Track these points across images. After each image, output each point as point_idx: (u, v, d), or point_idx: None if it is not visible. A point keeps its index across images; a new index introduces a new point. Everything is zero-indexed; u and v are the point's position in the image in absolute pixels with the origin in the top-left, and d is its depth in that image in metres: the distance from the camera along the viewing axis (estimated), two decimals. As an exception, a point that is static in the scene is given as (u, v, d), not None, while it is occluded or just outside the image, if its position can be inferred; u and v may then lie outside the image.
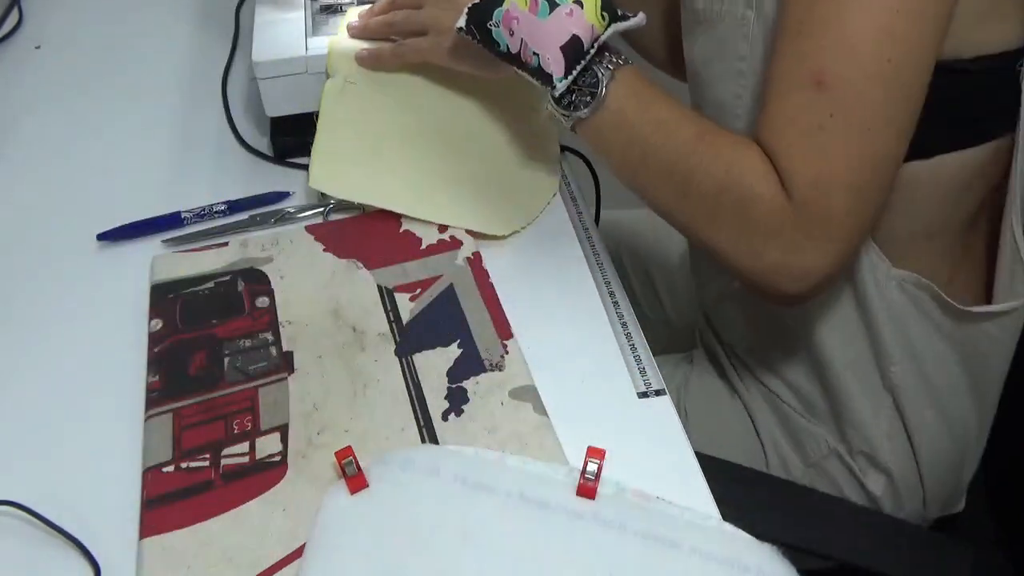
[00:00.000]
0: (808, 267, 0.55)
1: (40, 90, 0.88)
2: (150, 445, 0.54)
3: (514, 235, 0.70)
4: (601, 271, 0.68)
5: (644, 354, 0.61)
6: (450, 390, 0.58)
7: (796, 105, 0.53)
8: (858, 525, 0.68)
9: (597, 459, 0.51)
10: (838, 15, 0.51)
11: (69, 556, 0.50)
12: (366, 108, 0.73)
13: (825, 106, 0.52)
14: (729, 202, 0.56)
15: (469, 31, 0.62)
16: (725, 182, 0.56)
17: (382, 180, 0.72)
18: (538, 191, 0.74)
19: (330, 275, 0.65)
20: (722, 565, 0.49)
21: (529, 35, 0.59)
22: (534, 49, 0.59)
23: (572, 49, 0.58)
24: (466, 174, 0.73)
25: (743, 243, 0.56)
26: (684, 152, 0.57)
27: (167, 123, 0.83)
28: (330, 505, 0.51)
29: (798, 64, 0.53)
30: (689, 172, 0.57)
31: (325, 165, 0.71)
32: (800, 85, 0.53)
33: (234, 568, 0.49)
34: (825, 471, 0.75)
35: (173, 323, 0.62)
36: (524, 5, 0.59)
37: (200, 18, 0.98)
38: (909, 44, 0.51)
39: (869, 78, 0.51)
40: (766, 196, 0.54)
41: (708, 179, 0.56)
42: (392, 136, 0.73)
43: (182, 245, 0.69)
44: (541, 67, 0.59)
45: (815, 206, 0.53)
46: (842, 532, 0.67)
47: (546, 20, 0.58)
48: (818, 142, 0.53)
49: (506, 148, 0.74)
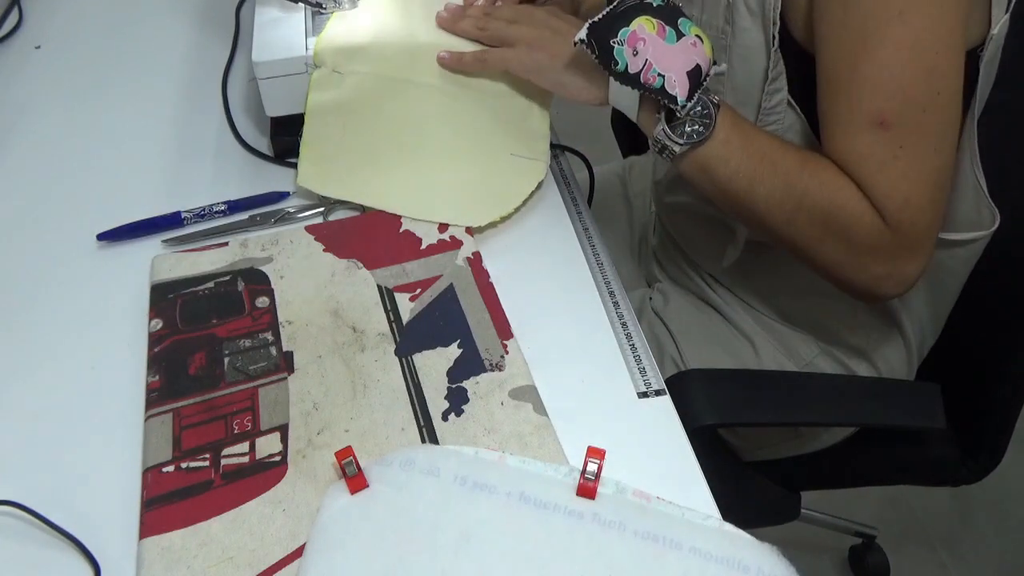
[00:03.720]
0: (908, 273, 0.63)
1: (40, 90, 0.88)
2: (150, 445, 0.54)
3: (514, 235, 0.70)
4: (601, 271, 0.68)
5: (644, 354, 0.61)
6: (450, 390, 0.58)
7: (866, 144, 0.60)
8: (847, 391, 0.77)
9: (597, 459, 0.51)
10: (883, 64, 0.58)
11: (69, 556, 0.51)
12: (352, 99, 0.73)
13: (894, 141, 0.59)
14: (836, 226, 0.62)
15: (589, 44, 0.64)
16: (831, 209, 0.62)
17: (368, 176, 0.72)
18: (523, 181, 0.73)
19: (330, 275, 0.65)
20: (722, 565, 0.49)
21: (655, 57, 0.62)
22: (659, 70, 0.62)
23: (695, 76, 0.63)
24: (452, 168, 0.73)
25: (850, 260, 0.63)
26: (790, 181, 0.63)
27: (167, 123, 0.83)
28: (330, 505, 0.51)
29: (856, 109, 0.60)
30: (797, 201, 0.63)
31: (313, 163, 0.71)
32: (864, 127, 0.60)
33: (234, 568, 0.49)
34: (816, 367, 0.83)
35: (173, 323, 0.62)
36: (652, 29, 0.63)
37: (200, 18, 0.98)
38: (950, 74, 0.59)
39: (926, 111, 0.59)
40: (866, 219, 0.61)
41: (815, 207, 0.62)
42: (378, 129, 0.73)
43: (182, 245, 0.69)
44: (665, 88, 0.62)
45: (908, 224, 0.60)
46: (841, 398, 0.76)
47: (674, 45, 0.63)
48: (897, 170, 0.59)
49: (493, 140, 0.74)
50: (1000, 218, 0.70)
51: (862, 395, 0.75)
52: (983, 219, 0.71)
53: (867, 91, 0.59)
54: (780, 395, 0.75)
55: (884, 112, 0.58)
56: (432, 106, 0.74)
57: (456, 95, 0.74)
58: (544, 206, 0.73)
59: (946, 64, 0.58)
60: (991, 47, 0.63)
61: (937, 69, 0.58)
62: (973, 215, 0.71)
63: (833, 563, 1.40)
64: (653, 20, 0.63)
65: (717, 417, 0.70)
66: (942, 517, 1.44)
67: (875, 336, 0.80)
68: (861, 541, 1.37)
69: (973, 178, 0.69)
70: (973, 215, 0.71)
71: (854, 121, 0.60)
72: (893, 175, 0.59)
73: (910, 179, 0.59)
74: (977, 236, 0.72)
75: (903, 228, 0.60)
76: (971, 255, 0.75)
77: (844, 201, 0.61)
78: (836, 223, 0.62)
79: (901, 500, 1.45)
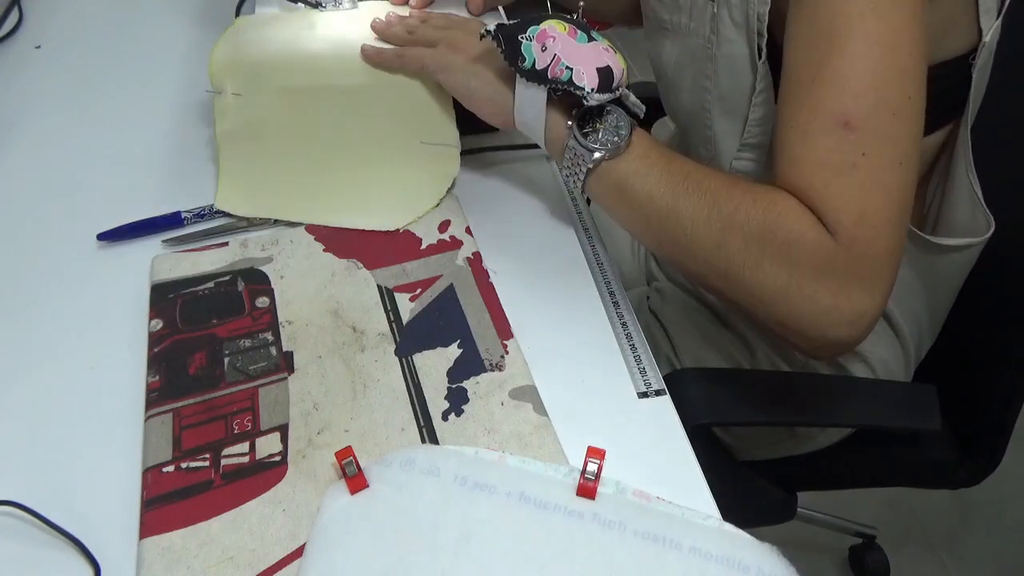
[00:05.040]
0: (860, 311, 0.54)
1: (40, 90, 0.88)
2: (150, 445, 0.54)
3: (514, 235, 0.70)
4: (601, 271, 0.68)
5: (644, 354, 0.61)
6: (450, 390, 0.58)
7: (825, 148, 0.54)
8: (842, 391, 0.76)
9: (597, 459, 0.51)
10: (854, 63, 0.53)
11: (69, 556, 0.51)
12: (258, 119, 0.73)
13: (856, 146, 0.53)
14: (773, 246, 0.55)
15: (496, 38, 0.62)
16: (766, 224, 0.55)
17: (285, 192, 0.72)
18: (440, 172, 0.73)
19: (330, 275, 0.65)
20: (722, 565, 0.49)
21: (564, 52, 0.59)
22: (567, 64, 0.59)
23: (605, 76, 0.59)
24: (365, 170, 0.73)
25: (793, 287, 0.55)
26: (719, 199, 0.56)
27: (167, 123, 0.83)
28: (330, 505, 0.51)
29: (819, 109, 0.54)
30: (728, 219, 0.56)
31: (231, 186, 0.72)
32: (825, 129, 0.54)
33: (234, 568, 0.49)
34: (811, 368, 0.80)
35: (173, 323, 0.62)
36: (563, 29, 0.60)
37: (200, 18, 0.98)
38: (918, 78, 0.54)
39: (895, 115, 0.53)
40: (810, 236, 0.54)
41: (748, 224, 0.55)
42: (287, 144, 0.73)
43: (182, 245, 0.69)
44: (573, 79, 0.59)
45: (864, 243, 0.53)
46: (836, 399, 0.74)
47: (584, 44, 0.60)
48: (856, 180, 0.53)
49: (400, 133, 0.73)
50: (995, 224, 0.70)
51: (857, 396, 0.75)
52: (978, 225, 0.70)
53: (833, 89, 0.53)
54: (774, 395, 0.74)
55: (850, 112, 0.53)
56: (337, 110, 0.73)
57: (358, 95, 0.73)
58: (544, 206, 0.73)
59: (916, 69, 0.53)
60: (983, 54, 0.63)
61: (910, 72, 0.53)
62: (968, 221, 0.70)
63: (833, 563, 1.40)
64: (565, 23, 0.61)
65: (711, 416, 0.70)
66: (942, 517, 1.44)
67: (871, 338, 0.77)
68: (861, 541, 1.37)
69: (968, 184, 0.68)
70: (968, 221, 0.70)
71: (815, 123, 0.54)
72: (851, 185, 0.53)
73: (869, 192, 0.53)
74: (972, 242, 0.71)
75: (857, 247, 0.53)
76: (967, 260, 0.75)
77: (782, 215, 0.54)
78: (774, 241, 0.54)
79: (901, 500, 1.45)
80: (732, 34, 0.66)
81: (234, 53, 0.74)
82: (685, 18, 0.70)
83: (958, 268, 0.76)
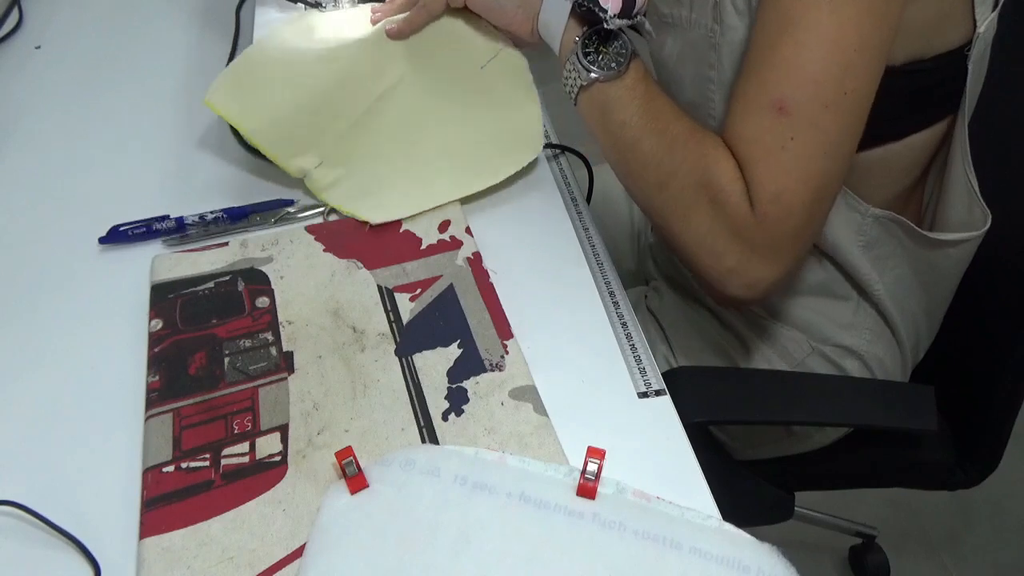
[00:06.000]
0: (758, 277, 0.60)
1: (40, 90, 0.88)
2: (150, 445, 0.54)
3: (514, 235, 0.70)
4: (601, 271, 0.68)
5: (644, 354, 0.61)
6: (450, 390, 0.58)
7: (760, 126, 0.58)
8: (838, 391, 0.77)
9: (597, 459, 0.51)
10: (800, 52, 0.56)
11: (69, 556, 0.51)
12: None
13: (786, 130, 0.57)
14: (705, 199, 0.60)
15: None
16: (703, 179, 0.60)
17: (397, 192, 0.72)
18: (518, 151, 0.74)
19: (330, 275, 0.65)
20: (722, 565, 0.49)
21: None
22: None
23: (628, 2, 0.62)
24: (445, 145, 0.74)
25: (708, 241, 0.61)
26: (675, 145, 0.62)
27: (167, 123, 0.82)
28: (330, 505, 0.51)
29: (762, 90, 0.58)
30: (676, 165, 0.61)
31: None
32: (763, 108, 0.57)
33: (234, 568, 0.49)
34: (808, 367, 0.81)
35: (173, 323, 0.62)
36: None
37: (200, 18, 0.98)
38: (865, 77, 0.56)
39: (827, 107, 0.56)
40: (733, 199, 0.59)
41: (690, 175, 0.61)
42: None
43: (182, 245, 0.69)
44: (599, 0, 0.62)
45: (773, 221, 0.58)
46: (832, 398, 0.75)
47: None
48: (780, 161, 0.57)
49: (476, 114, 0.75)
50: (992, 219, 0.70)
51: (853, 395, 0.75)
52: (975, 219, 0.70)
53: (776, 73, 0.57)
54: (770, 394, 0.75)
55: (786, 97, 0.56)
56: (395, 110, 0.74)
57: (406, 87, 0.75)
58: (544, 206, 0.73)
59: (862, 65, 0.56)
60: (979, 45, 0.63)
61: (852, 68, 0.55)
62: (965, 215, 0.71)
63: (833, 563, 1.40)
64: None
65: (707, 414, 0.70)
66: (942, 517, 1.44)
67: (868, 336, 0.79)
68: (861, 541, 1.37)
69: (965, 178, 0.69)
70: (965, 215, 0.71)
71: (756, 102, 0.58)
72: (774, 165, 0.57)
73: (791, 174, 0.57)
74: (968, 237, 0.71)
75: (767, 223, 0.58)
76: (963, 255, 0.75)
77: (718, 174, 0.59)
78: (705, 196, 0.60)
79: (901, 500, 1.45)
80: (735, 21, 0.66)
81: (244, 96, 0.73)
82: (685, 11, 0.70)
83: (955, 264, 0.76)
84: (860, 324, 0.79)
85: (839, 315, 0.79)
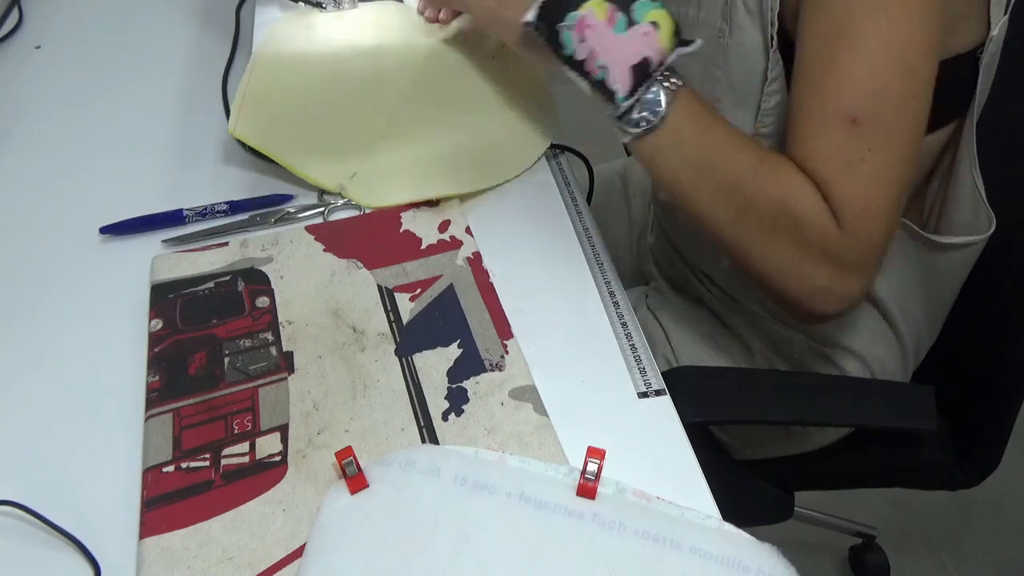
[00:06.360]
0: (850, 290, 0.60)
1: (40, 90, 0.88)
2: (150, 445, 0.54)
3: (514, 235, 0.70)
4: (601, 271, 0.68)
5: (644, 354, 0.61)
6: (450, 390, 0.58)
7: (834, 142, 0.57)
8: (838, 391, 0.76)
9: (597, 459, 0.51)
10: (862, 60, 0.55)
11: (69, 556, 0.51)
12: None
13: (863, 141, 0.56)
14: (785, 226, 0.59)
15: (538, 27, 0.62)
16: (783, 206, 0.58)
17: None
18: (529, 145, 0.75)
19: (330, 275, 0.65)
20: (722, 565, 0.49)
21: (601, 47, 0.60)
22: (602, 62, 0.60)
23: (640, 70, 0.60)
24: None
25: (795, 266, 0.59)
26: (745, 175, 0.60)
27: (167, 124, 0.83)
28: (330, 505, 0.51)
29: (829, 105, 0.57)
30: (750, 194, 0.60)
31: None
32: (835, 124, 0.57)
33: (234, 568, 0.49)
34: (808, 367, 0.82)
35: (173, 323, 0.62)
36: (602, 15, 0.59)
37: (200, 18, 0.98)
38: (927, 79, 0.57)
39: (899, 113, 0.56)
40: (819, 222, 0.58)
41: (768, 202, 0.59)
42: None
43: (182, 245, 0.69)
44: (606, 82, 0.60)
45: (864, 233, 0.57)
46: (831, 398, 0.75)
47: (623, 35, 0.59)
48: (862, 173, 0.57)
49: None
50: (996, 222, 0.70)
51: (852, 395, 0.75)
52: (980, 223, 0.70)
53: (842, 86, 0.56)
54: (769, 393, 0.75)
55: (857, 109, 0.56)
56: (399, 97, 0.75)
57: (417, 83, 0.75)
58: (544, 206, 0.73)
59: (924, 67, 0.56)
60: (990, 48, 0.63)
61: (916, 71, 0.56)
62: (970, 219, 0.71)
63: (833, 563, 1.40)
64: (605, 4, 0.60)
65: (707, 414, 0.70)
66: (942, 517, 1.44)
67: (868, 337, 0.79)
68: (861, 541, 1.37)
69: (971, 182, 0.69)
70: (970, 219, 0.71)
71: (825, 118, 0.57)
72: (858, 178, 0.57)
73: (874, 184, 0.57)
74: (974, 240, 0.71)
75: (858, 237, 0.57)
76: (968, 259, 0.75)
77: (798, 200, 0.58)
78: (786, 223, 0.59)
79: (901, 500, 1.45)
80: (745, 22, 0.65)
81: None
82: (694, 9, 0.69)
83: (958, 267, 0.75)
84: (860, 325, 0.79)
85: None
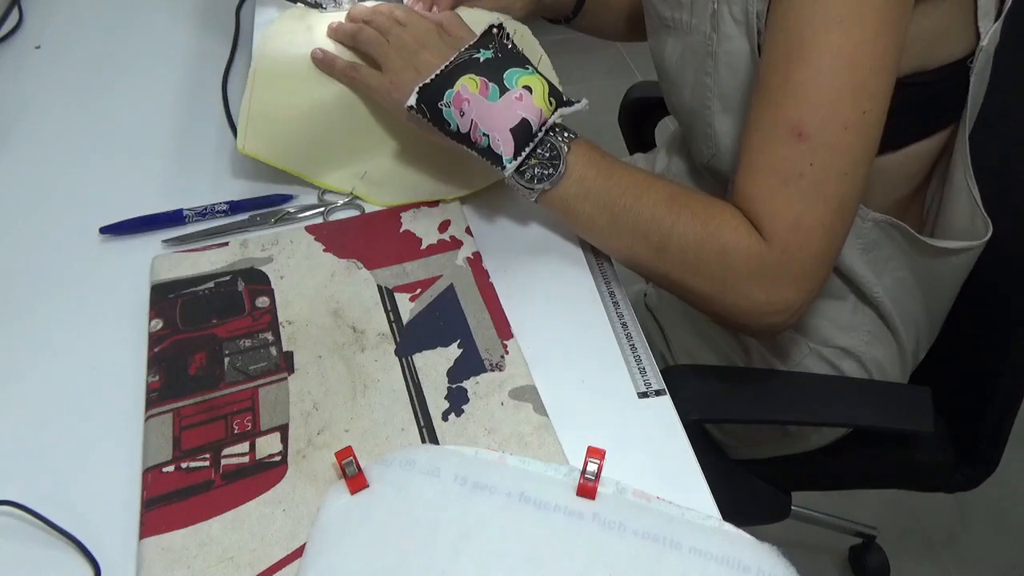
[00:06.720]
0: (790, 301, 0.59)
1: (40, 90, 0.88)
2: (150, 445, 0.54)
3: (514, 235, 0.70)
4: (601, 271, 0.68)
5: (644, 354, 0.61)
6: (450, 390, 0.58)
7: (777, 156, 0.57)
8: (835, 391, 0.77)
9: (597, 459, 0.51)
10: (816, 75, 0.55)
11: (69, 556, 0.51)
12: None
13: (805, 156, 0.56)
14: (709, 254, 0.59)
15: (420, 110, 0.64)
16: (702, 237, 0.59)
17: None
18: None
19: (330, 275, 0.65)
20: (722, 565, 0.49)
21: (479, 117, 0.61)
22: (484, 130, 0.61)
23: (521, 132, 0.61)
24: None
25: (728, 289, 0.60)
26: (658, 213, 0.60)
27: (167, 124, 0.83)
28: (330, 505, 0.51)
29: (778, 119, 0.57)
30: (666, 231, 0.60)
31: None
32: (781, 137, 0.57)
33: (234, 568, 0.49)
34: (806, 368, 0.81)
35: (173, 323, 0.62)
36: (475, 88, 0.62)
37: (200, 18, 0.98)
38: (880, 96, 0.56)
39: (847, 128, 0.56)
40: (743, 244, 0.58)
41: (686, 236, 0.60)
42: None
43: (182, 245, 0.69)
44: (491, 147, 0.61)
45: (795, 248, 0.57)
46: (828, 398, 0.76)
47: (496, 103, 0.61)
48: (798, 188, 0.57)
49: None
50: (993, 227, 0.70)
51: (849, 395, 0.75)
52: (976, 229, 0.70)
53: (793, 98, 0.56)
54: (766, 393, 0.75)
55: (804, 123, 0.55)
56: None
57: None
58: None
59: (876, 84, 0.56)
60: (981, 57, 0.63)
61: (867, 87, 0.55)
62: (967, 225, 0.71)
63: (833, 563, 1.40)
64: (476, 78, 0.62)
65: (704, 413, 0.70)
66: (942, 517, 1.44)
67: (866, 338, 0.79)
68: (861, 541, 1.37)
69: (966, 188, 0.69)
70: (967, 225, 0.71)
71: (772, 131, 0.57)
72: (794, 193, 0.57)
73: (808, 199, 0.57)
74: (970, 245, 0.71)
75: (789, 251, 0.57)
76: (965, 263, 0.75)
77: (718, 228, 0.59)
78: (710, 250, 0.59)
79: (901, 500, 1.45)
80: (732, 31, 0.66)
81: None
82: (686, 15, 0.70)
83: (956, 271, 0.76)
84: (858, 326, 0.79)
85: (837, 316, 0.78)
